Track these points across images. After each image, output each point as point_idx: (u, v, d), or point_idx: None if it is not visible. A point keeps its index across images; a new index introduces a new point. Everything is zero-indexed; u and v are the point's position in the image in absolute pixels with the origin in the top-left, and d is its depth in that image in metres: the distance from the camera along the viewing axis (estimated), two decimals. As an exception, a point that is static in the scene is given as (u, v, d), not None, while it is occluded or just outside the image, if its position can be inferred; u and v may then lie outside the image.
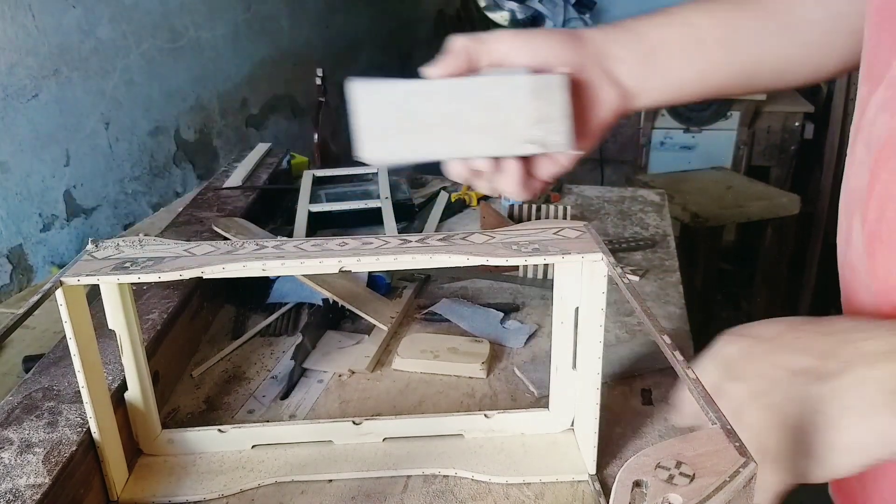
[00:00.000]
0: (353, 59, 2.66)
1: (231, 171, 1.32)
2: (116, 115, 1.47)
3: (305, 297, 0.95)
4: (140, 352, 0.64)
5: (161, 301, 0.81)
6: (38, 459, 0.56)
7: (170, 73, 1.64)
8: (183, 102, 1.70)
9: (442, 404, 0.76)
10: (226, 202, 1.16)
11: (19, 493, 0.53)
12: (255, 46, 2.01)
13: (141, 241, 0.60)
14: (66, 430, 0.59)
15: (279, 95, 2.16)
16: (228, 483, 0.64)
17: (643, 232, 1.20)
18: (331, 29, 2.48)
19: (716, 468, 0.48)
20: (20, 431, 0.59)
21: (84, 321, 0.57)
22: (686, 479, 0.46)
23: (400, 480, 0.64)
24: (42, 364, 0.69)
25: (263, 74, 2.05)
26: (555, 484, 0.63)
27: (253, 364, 0.84)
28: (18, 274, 1.25)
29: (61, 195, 1.34)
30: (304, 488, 0.63)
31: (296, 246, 0.59)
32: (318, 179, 1.32)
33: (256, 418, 0.74)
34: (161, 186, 1.63)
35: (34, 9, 1.25)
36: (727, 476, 0.47)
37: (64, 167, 1.34)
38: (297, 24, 2.24)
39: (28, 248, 1.27)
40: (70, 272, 0.54)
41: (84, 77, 1.37)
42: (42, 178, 1.29)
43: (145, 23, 1.55)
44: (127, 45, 1.49)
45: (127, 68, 1.49)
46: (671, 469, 0.48)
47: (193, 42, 1.73)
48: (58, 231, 1.33)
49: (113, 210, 1.47)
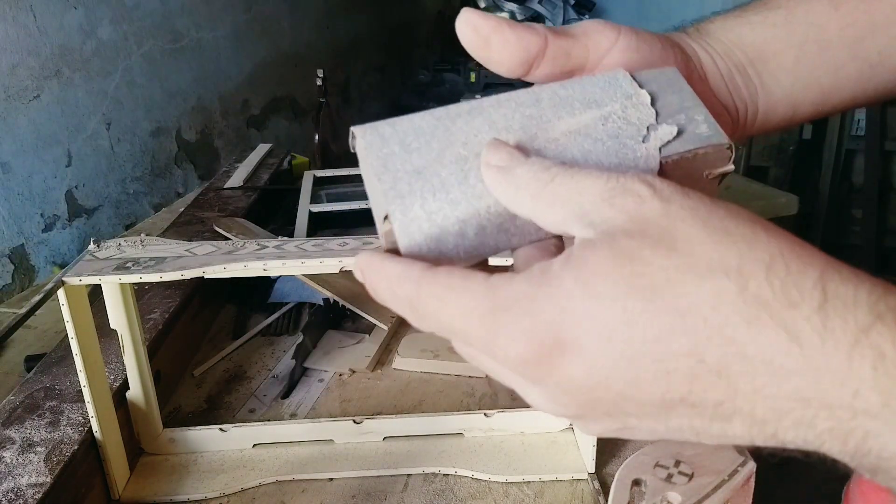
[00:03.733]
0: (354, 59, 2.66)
1: (232, 171, 1.32)
2: (118, 116, 1.47)
3: (306, 297, 0.95)
4: (142, 351, 0.64)
5: (162, 301, 0.81)
6: (39, 459, 0.56)
7: (171, 73, 1.64)
8: (184, 103, 1.71)
9: (442, 403, 0.76)
10: (227, 202, 1.16)
11: (21, 493, 0.53)
12: (256, 47, 2.01)
13: (142, 241, 0.61)
14: (67, 430, 0.60)
15: (280, 96, 2.16)
16: (230, 482, 0.64)
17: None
18: (331, 30, 2.48)
19: (714, 467, 0.48)
20: (22, 430, 0.59)
21: (86, 321, 0.57)
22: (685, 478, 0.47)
23: (400, 479, 0.64)
24: (44, 363, 0.69)
25: (264, 75, 2.05)
26: (554, 482, 0.63)
27: (254, 363, 0.84)
28: (20, 274, 1.26)
29: (63, 195, 1.34)
30: (305, 487, 0.64)
31: (297, 246, 0.59)
32: (319, 180, 1.32)
33: (257, 417, 0.74)
34: (162, 187, 1.63)
35: (36, 10, 1.25)
36: (726, 475, 0.47)
37: (66, 167, 1.34)
38: (298, 26, 2.24)
39: (30, 248, 1.27)
40: (72, 272, 0.55)
41: (86, 78, 1.38)
42: (44, 179, 1.29)
43: (147, 24, 1.55)
44: (128, 45, 1.50)
45: (128, 69, 1.50)
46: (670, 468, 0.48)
47: (195, 43, 1.73)
48: (59, 231, 1.33)
49: (114, 210, 1.47)
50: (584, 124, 0.33)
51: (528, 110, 0.33)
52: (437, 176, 0.31)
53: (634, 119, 0.33)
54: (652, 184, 0.25)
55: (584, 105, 0.33)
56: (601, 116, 0.33)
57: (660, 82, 0.36)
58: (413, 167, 0.31)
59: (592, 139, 0.32)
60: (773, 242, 0.23)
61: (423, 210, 0.30)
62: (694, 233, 0.23)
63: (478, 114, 0.33)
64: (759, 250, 0.23)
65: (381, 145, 0.32)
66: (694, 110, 0.35)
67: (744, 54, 0.41)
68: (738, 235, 0.23)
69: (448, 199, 0.30)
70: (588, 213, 0.25)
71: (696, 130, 0.34)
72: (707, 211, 0.24)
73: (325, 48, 2.41)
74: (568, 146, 0.32)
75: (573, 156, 0.32)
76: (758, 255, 0.23)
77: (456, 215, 0.30)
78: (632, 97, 0.34)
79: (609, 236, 0.24)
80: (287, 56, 2.17)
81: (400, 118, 0.33)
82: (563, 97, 0.34)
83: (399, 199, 0.30)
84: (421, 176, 0.31)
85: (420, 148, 0.32)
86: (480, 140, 0.32)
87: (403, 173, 0.31)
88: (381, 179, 0.31)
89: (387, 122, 0.33)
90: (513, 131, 0.32)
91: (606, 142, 0.32)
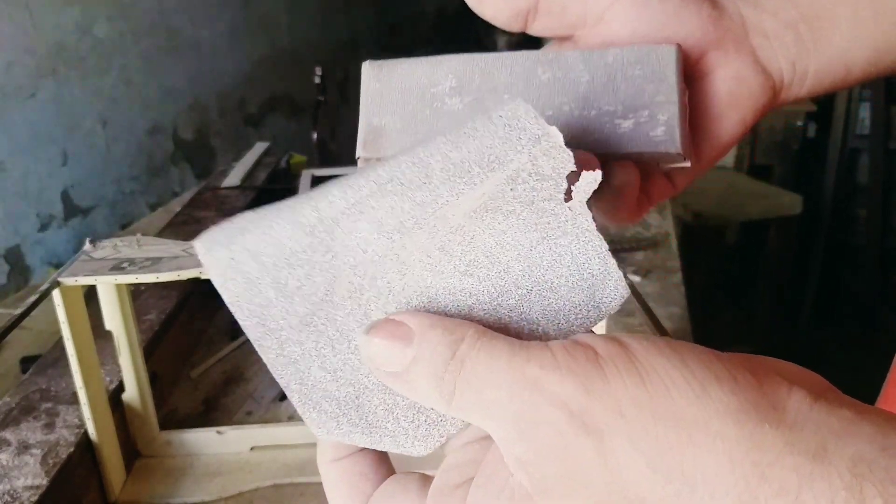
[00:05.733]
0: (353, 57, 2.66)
1: (229, 170, 1.32)
2: (114, 115, 1.46)
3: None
4: (138, 353, 0.64)
5: (159, 301, 0.81)
6: (35, 461, 0.56)
7: (168, 72, 1.64)
8: (181, 102, 1.70)
9: (442, 405, 0.75)
10: (224, 202, 1.16)
11: (17, 495, 0.52)
12: (254, 45, 2.01)
13: (139, 241, 0.60)
14: (63, 432, 0.59)
15: (278, 95, 2.15)
16: (226, 485, 0.63)
17: (645, 232, 1.19)
18: (330, 27, 2.47)
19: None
20: (18, 433, 0.59)
21: (81, 322, 0.57)
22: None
23: (400, 482, 0.64)
24: (39, 365, 0.69)
25: (262, 73, 2.04)
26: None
27: (251, 365, 0.83)
28: (16, 274, 1.25)
29: (58, 195, 1.33)
30: (303, 490, 0.63)
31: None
32: (317, 179, 1.31)
33: (255, 420, 0.74)
34: (159, 186, 1.62)
35: (32, 7, 1.24)
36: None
37: (61, 167, 1.33)
38: (296, 23, 2.23)
39: (25, 248, 1.26)
40: (67, 272, 0.54)
41: (82, 76, 1.37)
42: (39, 178, 1.28)
43: (143, 22, 1.54)
44: (125, 44, 1.49)
45: (125, 67, 1.49)
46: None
47: (191, 41, 1.72)
48: (55, 231, 1.32)
49: (110, 210, 1.47)
50: (488, 196, 0.25)
51: (419, 194, 0.25)
52: (332, 324, 0.25)
53: (548, 170, 0.26)
54: (568, 405, 0.21)
55: (483, 168, 0.26)
56: (507, 179, 0.25)
57: (647, 65, 0.32)
58: (298, 318, 0.25)
59: (504, 213, 0.25)
60: (738, 476, 0.20)
61: (325, 371, 0.25)
62: (646, 487, 0.21)
63: (359, 215, 0.25)
64: (724, 498, 0.20)
65: (252, 293, 0.25)
66: (662, 107, 0.32)
67: (797, 11, 0.38)
68: (698, 482, 0.20)
69: (353, 348, 0.25)
70: (510, 445, 0.22)
71: (651, 133, 0.31)
72: (653, 443, 0.21)
73: (323, 46, 2.40)
74: (476, 234, 0.25)
75: (486, 246, 0.25)
76: None
77: None
78: (540, 140, 0.26)
79: (549, 496, 0.22)
80: (285, 54, 2.17)
81: (259, 232, 0.25)
82: (456, 162, 0.26)
83: (292, 367, 0.25)
84: (312, 329, 0.25)
85: (301, 287, 0.25)
86: (371, 257, 0.25)
87: (289, 330, 0.25)
88: (261, 346, 0.24)
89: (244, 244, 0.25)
90: (407, 232, 0.25)
91: (521, 213, 0.25)
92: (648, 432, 0.21)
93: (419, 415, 0.25)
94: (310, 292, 0.25)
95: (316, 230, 0.25)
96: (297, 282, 0.25)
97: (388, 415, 0.25)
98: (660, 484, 0.21)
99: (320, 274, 0.25)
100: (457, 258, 0.26)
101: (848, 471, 0.20)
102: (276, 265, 0.25)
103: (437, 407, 0.23)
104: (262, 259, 0.25)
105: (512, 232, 0.26)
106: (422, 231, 0.25)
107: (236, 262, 0.25)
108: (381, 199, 0.25)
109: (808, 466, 0.20)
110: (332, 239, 0.25)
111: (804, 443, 0.20)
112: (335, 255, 0.25)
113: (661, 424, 0.21)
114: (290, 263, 0.25)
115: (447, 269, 0.26)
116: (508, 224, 0.26)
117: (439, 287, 0.25)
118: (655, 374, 0.21)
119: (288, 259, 0.25)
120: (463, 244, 0.25)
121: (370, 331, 0.24)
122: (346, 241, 0.25)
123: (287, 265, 0.25)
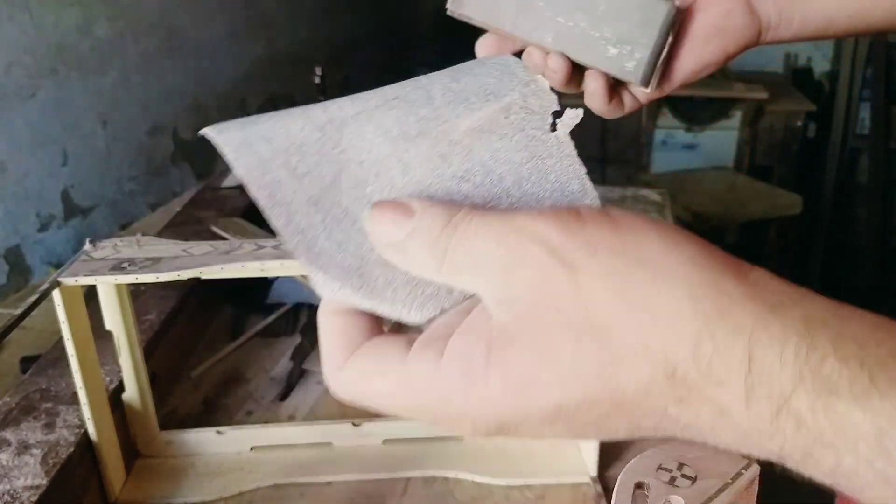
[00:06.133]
0: (352, 57, 2.66)
1: (229, 170, 1.32)
2: (114, 115, 1.46)
3: (305, 298, 0.94)
4: (138, 353, 0.64)
5: (159, 301, 0.81)
6: (35, 461, 0.56)
7: (168, 72, 1.64)
8: (181, 101, 1.70)
9: (442, 405, 0.75)
10: (224, 202, 1.16)
11: (17, 495, 0.52)
12: (254, 45, 2.01)
13: (139, 241, 0.60)
14: (63, 432, 0.59)
15: (277, 94, 2.15)
16: (227, 485, 0.63)
17: (643, 231, 1.19)
18: (329, 27, 2.47)
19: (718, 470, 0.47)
20: (17, 433, 0.59)
21: (81, 322, 0.57)
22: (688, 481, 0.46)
23: (400, 482, 0.64)
24: (39, 365, 0.69)
25: (262, 73, 2.04)
26: (556, 486, 0.62)
27: (252, 365, 0.83)
28: (16, 274, 1.25)
29: (59, 195, 1.33)
30: (304, 491, 0.63)
31: (294, 246, 0.58)
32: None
33: (255, 420, 0.74)
34: (159, 186, 1.62)
35: (32, 7, 1.24)
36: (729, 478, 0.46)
37: (61, 167, 1.33)
38: (296, 23, 2.23)
39: (25, 248, 1.27)
40: (67, 272, 0.54)
41: (82, 76, 1.37)
42: (39, 178, 1.28)
43: (143, 21, 1.54)
44: (125, 43, 1.49)
45: (124, 67, 1.49)
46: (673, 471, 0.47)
47: (191, 41, 1.72)
48: (55, 231, 1.32)
49: (111, 210, 1.47)
50: (486, 120, 0.30)
51: (423, 110, 0.29)
52: (337, 206, 0.27)
53: (536, 107, 0.31)
54: (549, 242, 0.24)
55: (480, 98, 0.31)
56: (502, 109, 0.30)
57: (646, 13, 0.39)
58: (307, 197, 0.27)
59: (498, 135, 0.30)
60: (698, 311, 0.22)
61: (331, 242, 0.26)
62: (612, 315, 0.23)
63: (366, 120, 0.28)
64: (683, 328, 0.22)
65: (263, 171, 0.27)
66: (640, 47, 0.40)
67: None
68: (659, 313, 0.23)
69: (357, 228, 0.27)
70: (493, 290, 0.24)
71: (625, 64, 0.40)
72: (622, 279, 0.23)
73: (323, 46, 2.40)
74: (474, 148, 0.29)
75: (482, 158, 0.29)
76: (682, 334, 0.22)
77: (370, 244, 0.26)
78: (529, 84, 0.32)
79: (524, 324, 0.24)
80: (285, 54, 2.16)
81: (270, 123, 0.28)
82: (456, 91, 0.31)
83: (300, 235, 0.26)
84: (319, 207, 0.27)
85: (310, 172, 0.27)
86: (376, 156, 0.28)
87: (297, 205, 0.26)
88: (271, 214, 0.26)
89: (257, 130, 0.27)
90: (411, 139, 0.28)
91: (513, 136, 0.30)
92: (618, 271, 0.23)
93: (416, 289, 0.27)
94: (318, 177, 0.27)
95: (326, 128, 0.28)
96: (306, 168, 0.27)
97: (388, 286, 0.27)
98: (625, 313, 0.23)
99: (328, 165, 0.27)
100: (455, 166, 0.29)
101: (802, 323, 0.22)
102: (287, 150, 0.27)
103: (430, 273, 0.25)
104: (275, 143, 0.27)
105: (505, 150, 0.29)
106: (424, 140, 0.29)
107: (249, 143, 0.27)
108: (388, 111, 0.29)
109: (765, 315, 0.22)
110: (340, 136, 0.28)
111: (763, 298, 0.23)
112: (342, 150, 0.28)
113: (631, 266, 0.23)
114: (301, 151, 0.27)
115: (446, 173, 0.29)
116: (502, 144, 0.30)
117: (438, 188, 0.28)
118: (629, 229, 0.24)
119: (299, 147, 0.27)
120: (461, 154, 0.29)
121: (375, 207, 0.26)
122: (353, 140, 0.28)
123: (298, 152, 0.27)
